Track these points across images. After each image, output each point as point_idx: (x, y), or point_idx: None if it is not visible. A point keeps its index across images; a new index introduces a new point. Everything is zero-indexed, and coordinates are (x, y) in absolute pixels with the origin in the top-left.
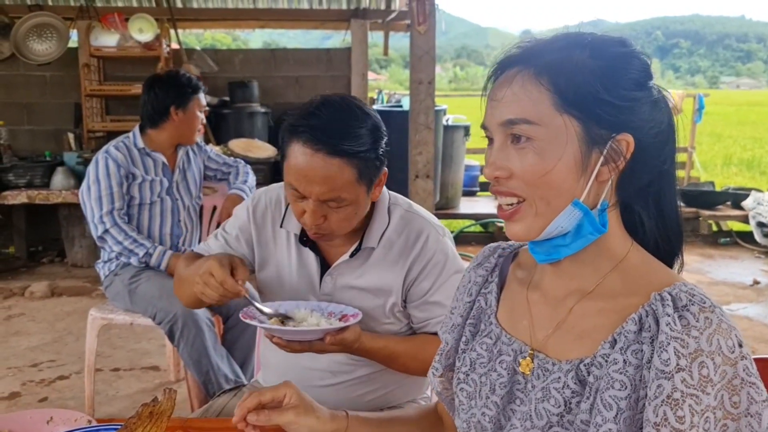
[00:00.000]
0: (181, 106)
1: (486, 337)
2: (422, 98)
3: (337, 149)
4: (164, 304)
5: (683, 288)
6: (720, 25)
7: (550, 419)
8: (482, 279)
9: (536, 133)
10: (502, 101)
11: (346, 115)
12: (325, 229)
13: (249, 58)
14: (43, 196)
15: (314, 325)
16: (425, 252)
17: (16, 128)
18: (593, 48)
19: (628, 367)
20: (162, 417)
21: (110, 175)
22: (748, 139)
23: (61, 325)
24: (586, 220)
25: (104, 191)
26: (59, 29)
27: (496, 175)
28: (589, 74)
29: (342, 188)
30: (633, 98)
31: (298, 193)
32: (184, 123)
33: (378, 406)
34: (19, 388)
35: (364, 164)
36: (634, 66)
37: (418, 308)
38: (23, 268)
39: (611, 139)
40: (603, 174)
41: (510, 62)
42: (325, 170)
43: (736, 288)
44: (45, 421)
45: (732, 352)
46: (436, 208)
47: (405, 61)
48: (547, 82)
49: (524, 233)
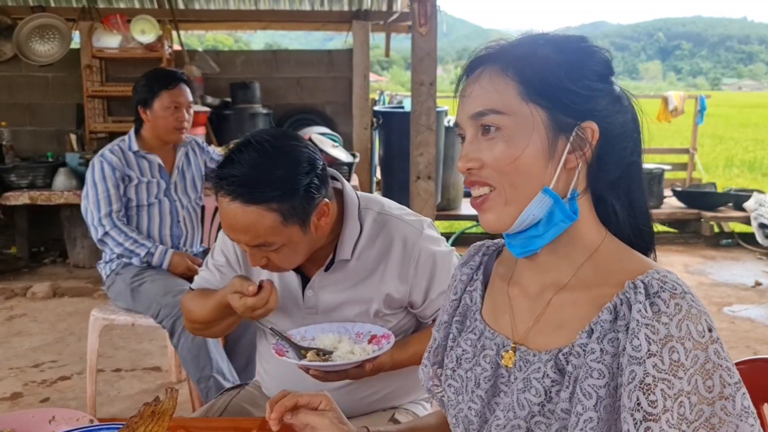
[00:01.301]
0: (146, 105)
1: (471, 333)
2: (424, 99)
3: (252, 198)
4: (168, 300)
5: (655, 275)
6: (722, 26)
7: (531, 409)
8: (467, 277)
9: (504, 122)
10: (471, 96)
11: (261, 160)
12: (272, 267)
13: (251, 59)
14: (45, 197)
15: (348, 353)
16: (410, 256)
17: (19, 129)
18: (556, 44)
19: (605, 356)
20: (164, 416)
21: (106, 178)
22: (750, 140)
23: (63, 325)
24: (556, 207)
25: (101, 194)
26: (61, 30)
27: (468, 167)
28: (554, 65)
29: (267, 234)
30: (596, 88)
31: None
32: (155, 122)
33: (379, 407)
34: (21, 389)
35: (287, 207)
36: (596, 59)
37: (425, 308)
38: (25, 268)
39: (576, 126)
40: (571, 161)
41: (479, 61)
42: (245, 219)
43: (738, 289)
44: (47, 421)
45: (702, 336)
46: (438, 210)
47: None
48: (513, 74)
49: (496, 221)
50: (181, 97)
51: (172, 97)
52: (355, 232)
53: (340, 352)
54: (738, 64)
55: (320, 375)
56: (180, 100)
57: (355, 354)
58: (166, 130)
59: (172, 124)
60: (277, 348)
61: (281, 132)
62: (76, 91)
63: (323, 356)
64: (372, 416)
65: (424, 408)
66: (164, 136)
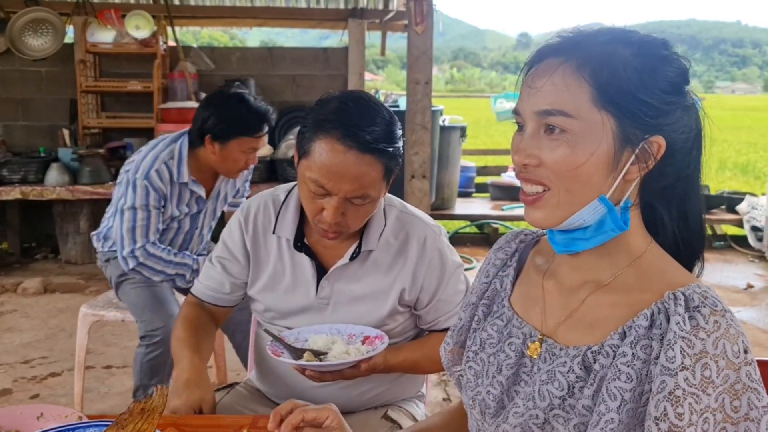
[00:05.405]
0: (221, 140)
1: (497, 318)
2: (419, 98)
3: (370, 147)
4: (146, 316)
5: (697, 289)
6: (716, 30)
7: (552, 401)
8: (501, 262)
9: (572, 126)
10: (541, 90)
11: (372, 110)
12: (341, 226)
13: (246, 56)
14: (37, 192)
15: (343, 353)
16: (425, 255)
17: (11, 124)
18: (637, 45)
19: (636, 361)
20: (153, 413)
21: (149, 207)
22: (743, 143)
23: (54, 321)
24: (609, 216)
25: (140, 222)
26: (55, 25)
27: (525, 162)
28: (631, 71)
29: (370, 185)
30: (669, 101)
31: (322, 190)
32: (224, 159)
33: (372, 404)
34: (11, 385)
35: (390, 160)
36: (674, 68)
37: (428, 311)
38: (16, 264)
39: (644, 139)
40: (631, 173)
41: (551, 51)
42: (357, 168)
43: (730, 292)
44: (35, 417)
45: (736, 357)
46: (432, 209)
47: (402, 61)
48: (588, 75)
49: (543, 220)
50: (261, 143)
51: (254, 144)
52: (380, 224)
53: (335, 352)
54: (732, 67)
55: (316, 375)
56: (259, 146)
57: (350, 354)
58: (230, 171)
59: (241, 167)
60: (273, 349)
61: (368, 93)
62: (70, 86)
63: (318, 357)
64: (365, 413)
65: (417, 406)
66: (225, 172)
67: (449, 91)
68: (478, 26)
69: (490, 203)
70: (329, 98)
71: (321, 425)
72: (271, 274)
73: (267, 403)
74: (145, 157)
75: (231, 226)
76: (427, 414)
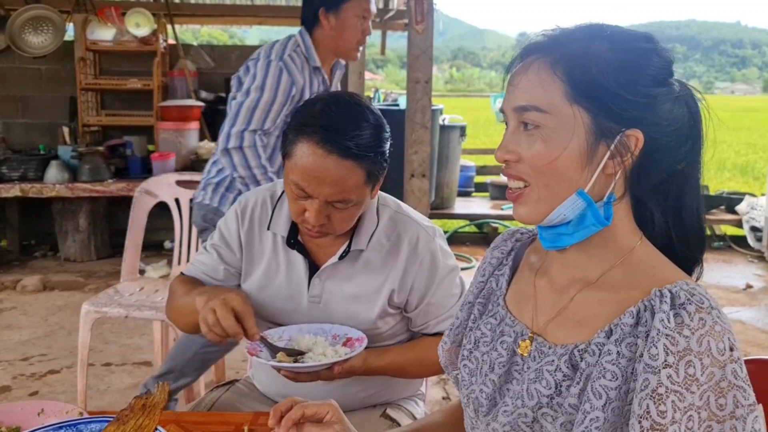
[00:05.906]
0: (333, 9)
1: (491, 317)
2: (419, 97)
3: (350, 152)
4: None
5: (684, 286)
6: (716, 30)
7: (540, 400)
8: (497, 261)
9: (545, 121)
10: (518, 87)
11: (357, 115)
12: (326, 228)
13: (245, 54)
14: (36, 190)
15: (320, 354)
16: (416, 256)
17: (11, 121)
18: (613, 41)
19: (621, 359)
20: (154, 410)
21: (279, 90)
22: (742, 144)
23: (53, 319)
24: (589, 210)
25: (262, 105)
26: (55, 22)
27: (505, 158)
28: (605, 67)
29: (351, 190)
30: (649, 95)
31: (303, 193)
32: (341, 30)
33: (371, 402)
34: (10, 382)
35: (373, 165)
36: (653, 62)
37: (417, 314)
38: (15, 261)
39: (620, 133)
40: (609, 167)
41: (533, 49)
42: (337, 172)
43: (729, 292)
44: (36, 413)
45: (722, 354)
46: (431, 208)
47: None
48: (561, 72)
49: (527, 216)
50: (372, 6)
51: (365, 5)
52: (372, 224)
53: (313, 353)
54: (731, 68)
55: (291, 375)
56: (372, 9)
57: (327, 356)
58: (349, 43)
59: (358, 36)
60: (251, 348)
61: (358, 95)
62: (70, 84)
63: (295, 357)
64: (364, 412)
65: (416, 404)
66: (344, 49)
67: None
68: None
69: (489, 203)
70: (315, 100)
71: (321, 420)
72: (265, 270)
73: (266, 401)
74: (273, 46)
75: (228, 216)
76: (426, 413)
